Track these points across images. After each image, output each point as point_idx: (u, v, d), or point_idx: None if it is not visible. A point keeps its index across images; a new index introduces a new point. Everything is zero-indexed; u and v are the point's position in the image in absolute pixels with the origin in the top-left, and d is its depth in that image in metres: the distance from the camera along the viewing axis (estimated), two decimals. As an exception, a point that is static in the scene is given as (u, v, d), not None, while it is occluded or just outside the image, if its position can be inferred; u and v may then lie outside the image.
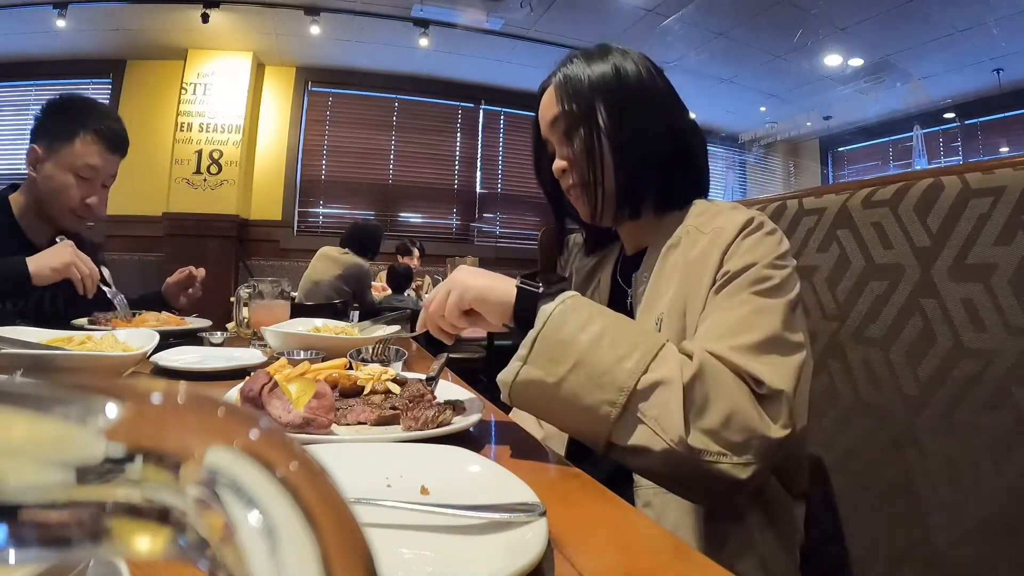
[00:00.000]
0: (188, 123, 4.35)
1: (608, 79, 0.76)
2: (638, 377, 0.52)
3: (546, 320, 0.57)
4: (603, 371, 0.53)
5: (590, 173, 0.75)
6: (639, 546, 0.40)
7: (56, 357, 0.76)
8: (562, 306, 0.58)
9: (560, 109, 0.77)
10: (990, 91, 4.37)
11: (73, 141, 1.30)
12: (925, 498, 0.73)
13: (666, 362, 0.54)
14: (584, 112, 0.75)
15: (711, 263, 0.66)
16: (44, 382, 0.10)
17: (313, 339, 1.05)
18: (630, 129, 0.75)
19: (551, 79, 0.80)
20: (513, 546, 0.35)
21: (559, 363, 0.54)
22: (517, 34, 4.27)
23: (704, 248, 0.68)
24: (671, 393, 0.52)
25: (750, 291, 0.62)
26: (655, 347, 0.55)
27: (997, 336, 0.67)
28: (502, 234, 5.23)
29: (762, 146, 5.94)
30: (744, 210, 0.71)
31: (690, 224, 0.73)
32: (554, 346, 0.55)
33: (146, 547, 0.10)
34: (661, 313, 0.68)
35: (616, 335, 0.55)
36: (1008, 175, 0.67)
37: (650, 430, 0.52)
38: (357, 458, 0.48)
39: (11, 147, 4.42)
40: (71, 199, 1.31)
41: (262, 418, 0.11)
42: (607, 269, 0.88)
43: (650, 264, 0.75)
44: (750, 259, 0.64)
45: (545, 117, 0.80)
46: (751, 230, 0.67)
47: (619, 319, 0.59)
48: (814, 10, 3.72)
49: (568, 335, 0.55)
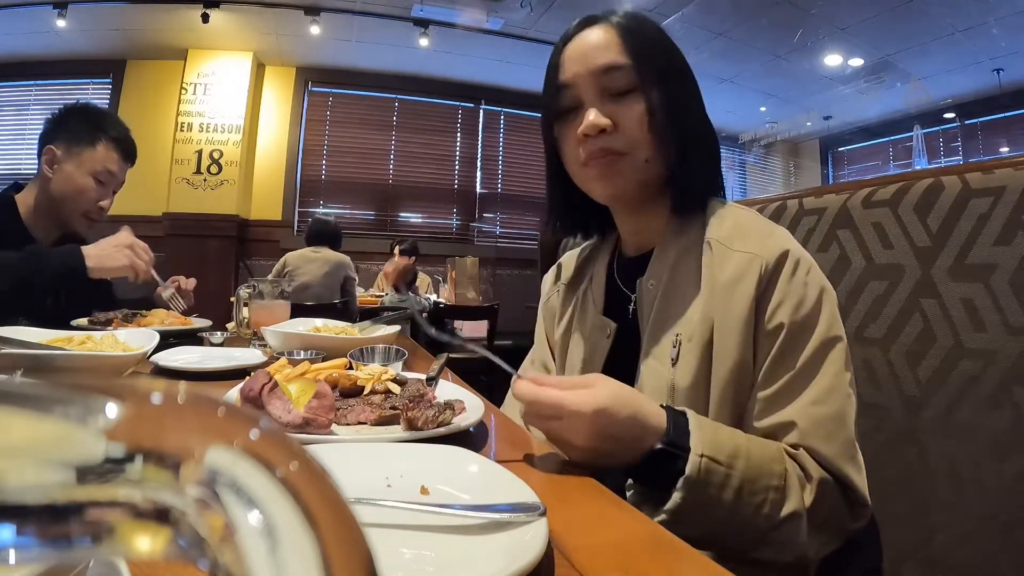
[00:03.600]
0: (188, 123, 4.35)
1: (671, 44, 0.70)
2: (774, 520, 0.55)
3: (688, 491, 0.54)
4: (744, 522, 0.55)
5: (651, 141, 0.67)
6: (639, 546, 0.40)
7: (56, 357, 0.76)
8: (702, 471, 0.54)
9: (624, 59, 0.66)
10: (990, 91, 4.38)
11: (95, 146, 1.36)
12: (925, 498, 0.73)
13: (792, 492, 0.56)
14: (656, 69, 0.67)
15: (745, 295, 0.61)
16: (44, 382, 0.10)
17: (313, 339, 1.05)
18: (693, 103, 0.70)
19: (604, 19, 0.69)
20: (513, 546, 0.35)
21: (701, 524, 0.55)
22: (517, 34, 4.28)
23: (735, 274, 0.62)
24: (799, 526, 0.56)
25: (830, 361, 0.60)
26: (782, 480, 0.56)
27: (997, 336, 0.67)
28: (502, 234, 5.23)
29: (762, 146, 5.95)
30: (772, 232, 0.67)
31: (712, 236, 0.66)
32: (697, 512, 0.55)
33: (146, 547, 0.10)
34: (679, 335, 0.64)
35: (752, 483, 0.55)
36: (1008, 175, 0.67)
37: (777, 551, 0.57)
38: (357, 458, 0.48)
39: (11, 147, 4.42)
40: (88, 201, 1.37)
41: (262, 418, 0.11)
42: (600, 266, 0.80)
43: (658, 271, 0.69)
44: (807, 311, 0.61)
45: (593, 60, 0.67)
46: (791, 270, 0.62)
47: (748, 457, 0.56)
48: (814, 10, 3.73)
49: (711, 500, 0.54)
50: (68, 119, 1.38)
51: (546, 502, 0.39)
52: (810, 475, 0.57)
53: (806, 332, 0.61)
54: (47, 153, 1.34)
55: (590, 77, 0.68)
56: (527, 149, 5.30)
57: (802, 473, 0.57)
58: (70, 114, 1.39)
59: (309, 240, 3.30)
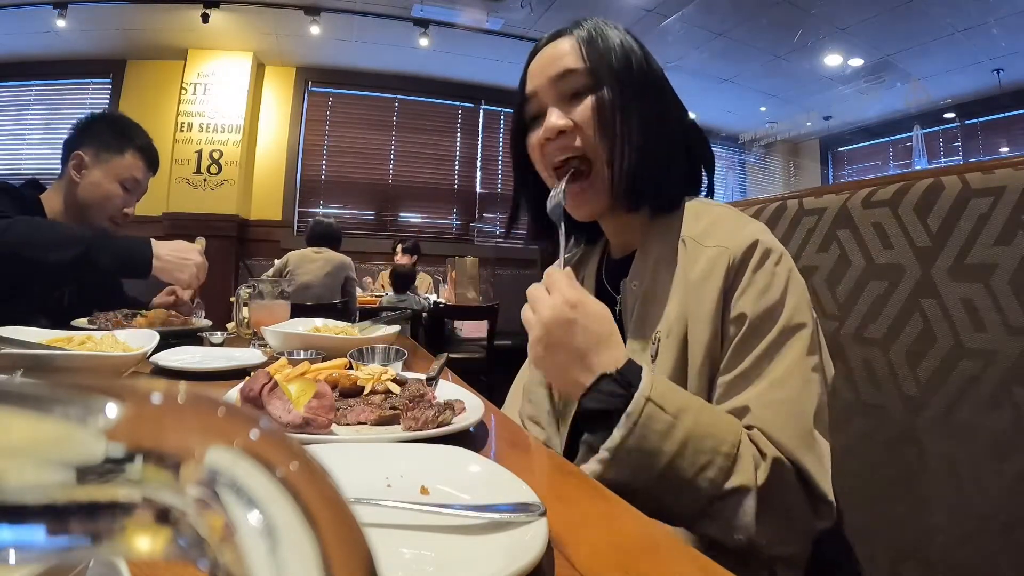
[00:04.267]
0: (188, 123, 4.36)
1: (634, 48, 0.71)
2: (719, 487, 0.54)
3: (629, 431, 0.54)
4: (685, 482, 0.54)
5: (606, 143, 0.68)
6: (639, 546, 0.40)
7: (56, 357, 0.76)
8: (644, 414, 0.54)
9: (582, 63, 0.69)
10: (990, 91, 4.38)
11: (123, 154, 1.41)
12: (925, 498, 0.73)
13: (743, 465, 0.55)
14: (609, 70, 0.69)
15: (713, 289, 0.62)
16: (44, 382, 0.10)
17: (313, 339, 1.05)
18: (655, 102, 0.71)
19: (566, 31, 0.73)
20: (513, 546, 0.35)
21: (641, 472, 0.54)
22: (517, 34, 4.27)
23: (705, 269, 0.64)
24: (747, 501, 0.54)
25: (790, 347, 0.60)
26: (733, 448, 0.55)
27: (997, 336, 0.67)
28: (502, 234, 5.23)
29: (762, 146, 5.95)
30: (745, 225, 0.67)
31: (687, 234, 0.68)
32: (636, 456, 0.54)
33: (146, 547, 0.10)
34: (658, 332, 0.66)
35: (698, 441, 0.54)
36: (1008, 175, 0.67)
37: (723, 527, 0.55)
38: (357, 458, 0.48)
39: (11, 147, 4.42)
40: (114, 207, 1.42)
41: (262, 418, 0.11)
42: (591, 268, 0.82)
43: (640, 272, 0.71)
44: (770, 300, 0.61)
45: (552, 68, 0.71)
46: (759, 260, 0.63)
47: (698, 416, 0.56)
48: (814, 10, 3.73)
49: (651, 447, 0.54)
50: (96, 126, 1.41)
51: (546, 502, 0.39)
52: (764, 454, 0.56)
53: (769, 320, 0.61)
54: (75, 158, 1.37)
55: (549, 84, 0.71)
56: (527, 149, 5.30)
57: (757, 453, 0.56)
58: (98, 121, 1.43)
59: (310, 241, 3.30)
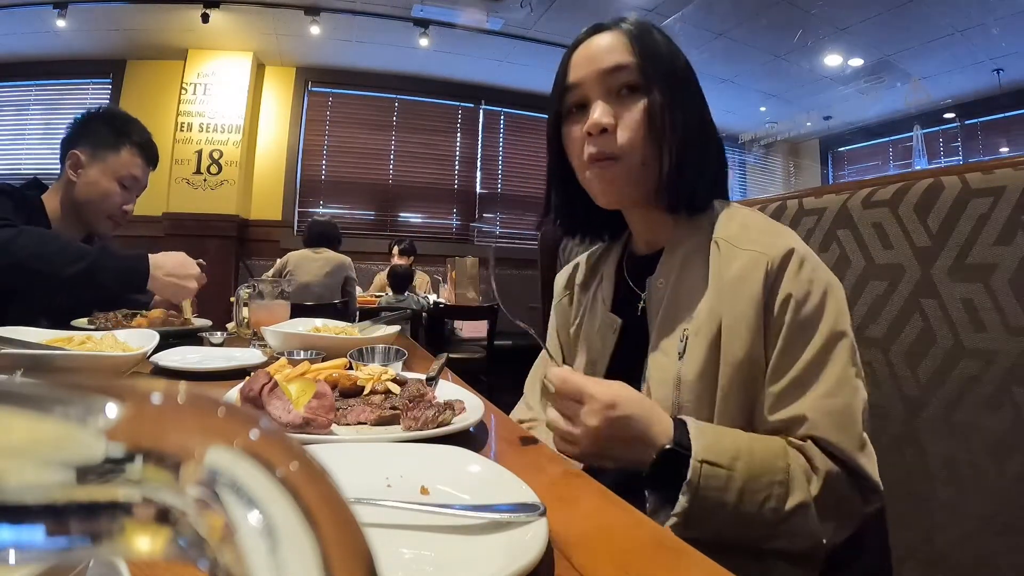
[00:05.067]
0: (188, 123, 4.35)
1: (677, 50, 0.72)
2: (781, 512, 0.57)
3: (694, 494, 0.56)
4: (751, 517, 0.57)
5: (649, 142, 0.69)
6: (639, 546, 0.40)
7: (56, 357, 0.76)
8: (702, 475, 0.56)
9: (631, 59, 0.69)
10: (990, 91, 4.37)
11: (120, 151, 1.38)
12: (925, 498, 0.73)
13: (796, 484, 0.57)
14: (660, 71, 0.69)
15: (750, 291, 0.63)
16: (44, 382, 0.10)
17: (313, 339, 1.05)
18: (695, 107, 0.72)
19: (614, 25, 0.72)
20: (513, 546, 0.35)
21: (711, 523, 0.57)
22: (517, 34, 4.27)
23: (741, 271, 0.64)
24: (808, 514, 0.57)
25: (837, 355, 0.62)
26: (784, 475, 0.57)
27: (997, 336, 0.67)
28: (502, 234, 5.23)
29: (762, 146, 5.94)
30: (779, 232, 0.68)
31: (720, 236, 0.68)
32: (703, 511, 0.56)
33: (146, 547, 0.10)
34: (686, 329, 0.66)
35: (754, 481, 0.57)
36: (1008, 175, 0.67)
37: (790, 541, 0.58)
38: (357, 458, 0.48)
39: (11, 147, 4.42)
40: (112, 205, 1.39)
41: (262, 418, 0.11)
42: (611, 264, 0.82)
43: (667, 270, 0.71)
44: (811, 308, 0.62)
45: (601, 61, 0.70)
46: (797, 268, 0.64)
47: (751, 457, 0.57)
48: (814, 10, 3.72)
49: (715, 502, 0.56)
50: (92, 123, 1.39)
51: (546, 502, 0.39)
52: (816, 467, 0.58)
53: (811, 327, 0.62)
54: (71, 158, 1.35)
55: (597, 77, 0.70)
56: (527, 149, 5.30)
57: (808, 466, 0.59)
58: (94, 119, 1.40)
59: (308, 242, 3.29)
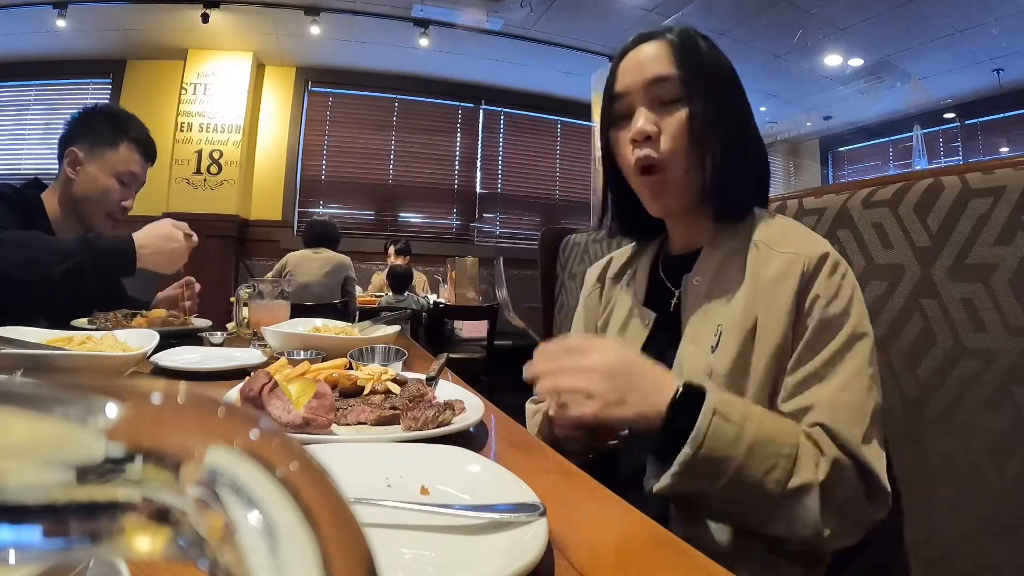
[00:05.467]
0: (188, 123, 4.35)
1: (721, 58, 0.74)
2: (784, 486, 0.57)
3: (700, 444, 0.56)
4: (753, 485, 0.57)
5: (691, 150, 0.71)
6: (639, 546, 0.40)
7: (56, 357, 0.76)
8: (712, 425, 0.57)
9: (673, 71, 0.71)
10: (990, 91, 4.37)
11: (117, 147, 1.37)
12: (925, 498, 0.73)
13: (804, 463, 0.58)
14: (702, 81, 0.71)
15: (787, 290, 0.65)
16: (44, 382, 0.10)
17: (313, 339, 1.05)
18: (738, 116, 0.74)
19: (658, 35, 0.75)
20: (513, 546, 0.35)
21: (712, 478, 0.57)
22: (517, 34, 4.27)
23: (779, 271, 0.66)
24: (811, 497, 0.58)
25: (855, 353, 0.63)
26: (793, 450, 0.58)
27: (997, 336, 0.67)
28: (502, 234, 5.22)
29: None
30: (816, 238, 0.70)
31: (759, 238, 0.70)
32: (706, 464, 0.57)
33: (146, 547, 0.10)
34: (720, 325, 0.68)
35: (762, 446, 0.57)
36: (1008, 175, 0.67)
37: (790, 524, 0.59)
38: (357, 458, 0.48)
39: (11, 147, 4.42)
40: (111, 202, 1.38)
41: (262, 418, 0.11)
42: (644, 262, 0.85)
43: (704, 268, 0.73)
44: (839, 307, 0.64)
45: (645, 71, 0.73)
46: (831, 270, 0.66)
47: (761, 423, 0.58)
48: (814, 10, 3.73)
49: (721, 453, 0.57)
50: (89, 120, 1.38)
51: (546, 502, 0.39)
52: (823, 452, 0.59)
53: (836, 326, 0.64)
54: (69, 155, 1.34)
55: (641, 86, 0.73)
56: (527, 149, 5.30)
57: (817, 452, 0.59)
58: (91, 116, 1.39)
59: (307, 243, 3.29)
